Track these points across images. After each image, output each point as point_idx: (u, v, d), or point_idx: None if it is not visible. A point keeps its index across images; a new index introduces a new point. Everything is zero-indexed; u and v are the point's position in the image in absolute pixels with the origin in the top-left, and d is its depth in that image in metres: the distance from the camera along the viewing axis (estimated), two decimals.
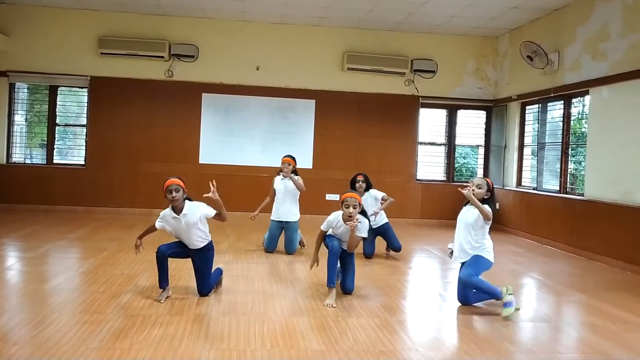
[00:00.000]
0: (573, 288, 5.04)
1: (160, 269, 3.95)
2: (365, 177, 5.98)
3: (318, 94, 8.94)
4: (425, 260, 6.19)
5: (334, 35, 8.92)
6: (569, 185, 7.27)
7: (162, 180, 4.04)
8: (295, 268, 5.30)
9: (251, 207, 8.43)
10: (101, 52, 8.41)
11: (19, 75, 8.49)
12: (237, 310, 3.81)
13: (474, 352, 3.24)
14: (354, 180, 5.96)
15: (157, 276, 3.97)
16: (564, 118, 7.35)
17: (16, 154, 8.71)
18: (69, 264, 5.11)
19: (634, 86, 5.96)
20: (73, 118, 8.90)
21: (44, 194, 8.50)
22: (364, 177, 5.96)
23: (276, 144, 8.88)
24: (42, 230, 6.70)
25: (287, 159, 5.97)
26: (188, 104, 8.74)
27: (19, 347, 2.95)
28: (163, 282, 3.97)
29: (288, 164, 5.92)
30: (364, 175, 5.99)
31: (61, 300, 3.86)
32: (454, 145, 9.36)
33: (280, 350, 3.10)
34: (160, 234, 4.18)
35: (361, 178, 5.95)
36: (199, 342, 3.16)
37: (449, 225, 8.73)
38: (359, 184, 5.91)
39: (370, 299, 4.27)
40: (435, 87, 9.09)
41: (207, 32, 8.73)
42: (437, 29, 8.78)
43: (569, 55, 7.15)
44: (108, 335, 3.17)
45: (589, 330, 3.78)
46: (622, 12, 6.20)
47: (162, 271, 3.96)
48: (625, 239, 5.91)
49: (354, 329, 3.51)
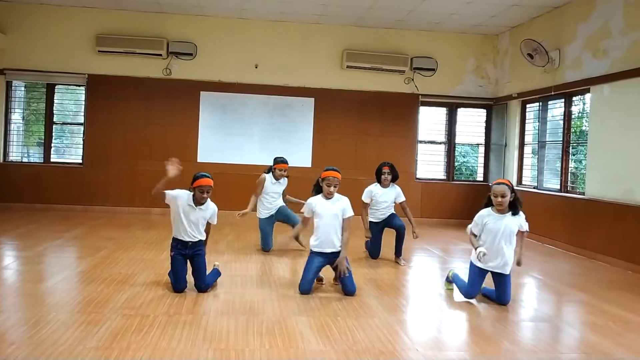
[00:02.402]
0: (574, 287, 5.01)
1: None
2: (392, 167, 5.68)
3: (317, 92, 8.90)
4: (425, 259, 6.16)
5: (333, 33, 8.88)
6: (569, 184, 7.24)
7: (161, 178, 4.02)
8: (295, 268, 5.26)
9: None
10: (99, 50, 8.37)
11: (16, 73, 8.44)
12: (235, 310, 3.78)
13: (474, 352, 3.21)
14: (379, 171, 5.68)
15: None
16: (565, 116, 7.32)
17: (13, 153, 8.66)
18: (66, 263, 5.08)
19: (635, 84, 5.93)
20: (70, 116, 8.85)
21: (41, 192, 8.46)
22: (389, 169, 5.65)
23: (275, 142, 8.84)
24: (39, 229, 6.67)
25: (285, 165, 5.96)
26: (186, 102, 8.69)
27: (16, 347, 2.92)
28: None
29: (285, 170, 5.97)
30: (389, 166, 5.65)
31: (58, 300, 3.83)
32: (454, 144, 9.33)
33: (279, 350, 3.07)
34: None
35: (387, 170, 5.64)
36: (197, 341, 3.13)
37: (448, 224, 8.75)
38: (385, 176, 5.64)
39: (370, 298, 4.24)
40: (435, 85, 9.06)
41: (206, 29, 8.68)
42: (437, 27, 8.74)
43: (569, 53, 7.12)
44: (106, 335, 3.14)
45: (590, 330, 3.76)
46: (623, 10, 6.17)
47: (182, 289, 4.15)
48: (626, 238, 5.88)
49: (353, 329, 3.48)
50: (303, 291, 4.23)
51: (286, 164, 6.01)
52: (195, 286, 4.15)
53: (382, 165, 5.72)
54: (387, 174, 5.66)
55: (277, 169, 5.98)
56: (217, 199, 8.52)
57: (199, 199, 4.10)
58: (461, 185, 9.31)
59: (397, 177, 5.77)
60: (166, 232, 6.74)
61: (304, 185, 8.87)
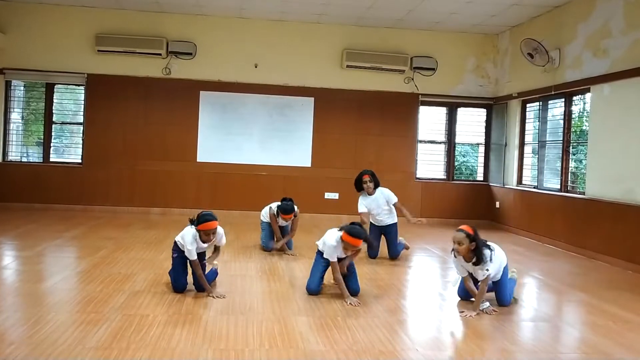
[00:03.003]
0: (574, 287, 5.00)
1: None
2: (372, 174, 5.61)
3: (317, 92, 8.89)
4: (425, 259, 6.15)
5: (333, 33, 8.87)
6: (569, 184, 7.23)
7: (160, 178, 4.02)
8: (294, 267, 5.26)
9: (249, 206, 8.47)
10: (98, 49, 8.35)
11: (15, 73, 8.42)
12: (235, 309, 3.77)
13: (474, 352, 3.20)
14: (359, 180, 5.61)
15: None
16: (565, 116, 7.31)
17: (12, 152, 8.65)
18: (66, 263, 5.07)
19: (635, 84, 5.92)
20: (70, 116, 8.84)
21: (40, 192, 8.45)
22: (370, 176, 5.59)
23: (274, 142, 8.84)
24: (39, 229, 6.65)
25: (290, 215, 5.63)
26: (186, 101, 8.68)
27: (15, 347, 2.91)
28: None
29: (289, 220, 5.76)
30: (369, 174, 5.60)
31: (58, 300, 3.82)
32: (454, 144, 9.32)
33: (278, 350, 3.06)
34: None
35: (367, 178, 5.57)
36: (197, 342, 3.12)
37: (448, 224, 8.72)
38: (367, 184, 5.59)
39: (370, 298, 4.23)
40: (435, 85, 9.05)
41: (205, 29, 8.67)
42: (437, 26, 8.73)
43: (570, 53, 7.11)
44: (105, 335, 3.13)
45: (590, 330, 3.75)
46: (624, 9, 6.16)
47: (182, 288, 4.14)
48: (626, 237, 5.87)
49: (353, 329, 3.47)
50: (310, 291, 4.21)
51: (291, 214, 5.63)
52: (194, 286, 4.14)
53: (362, 174, 5.63)
54: (368, 182, 5.59)
55: (282, 218, 5.73)
56: (217, 198, 8.58)
57: (205, 240, 4.08)
58: (461, 185, 9.31)
59: (379, 183, 5.67)
60: (166, 232, 6.74)
61: (303, 184, 8.94)
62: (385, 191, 5.74)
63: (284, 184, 8.63)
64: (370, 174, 5.65)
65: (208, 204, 8.59)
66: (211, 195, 8.62)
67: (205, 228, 4.02)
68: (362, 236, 4.07)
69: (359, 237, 4.04)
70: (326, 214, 8.71)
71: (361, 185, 5.65)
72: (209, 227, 4.02)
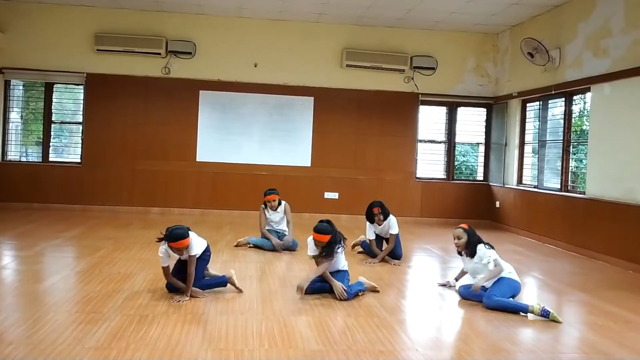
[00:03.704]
0: (574, 287, 5.00)
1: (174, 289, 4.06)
2: (381, 206, 5.61)
3: (316, 91, 8.88)
4: (425, 259, 6.14)
5: (332, 32, 8.86)
6: (570, 184, 7.22)
7: (159, 178, 4.00)
8: (294, 267, 5.25)
9: (249, 206, 8.46)
10: (97, 48, 8.34)
11: (14, 72, 8.41)
12: (234, 309, 3.76)
13: (474, 352, 3.20)
14: (370, 213, 5.63)
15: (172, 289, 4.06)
16: (565, 115, 7.30)
17: (11, 152, 8.64)
18: (65, 262, 5.06)
19: (636, 83, 5.91)
20: (69, 115, 8.82)
21: (39, 192, 8.43)
22: (380, 208, 5.58)
23: (274, 141, 8.83)
24: (38, 229, 6.64)
25: (274, 196, 6.06)
26: (185, 101, 8.67)
27: (14, 347, 2.90)
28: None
29: (275, 200, 6.05)
30: (379, 207, 5.59)
31: (57, 300, 3.82)
32: (454, 143, 9.32)
33: (278, 350, 3.05)
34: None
35: (377, 210, 5.57)
36: (196, 341, 3.11)
37: (448, 223, 8.71)
38: (378, 217, 5.60)
39: (370, 298, 4.22)
40: (435, 84, 9.04)
41: (205, 28, 8.66)
42: (437, 26, 8.72)
43: (570, 52, 7.10)
44: (104, 335, 3.12)
45: (590, 330, 3.75)
46: (624, 8, 6.15)
47: (176, 288, 4.05)
48: (626, 237, 5.87)
49: (352, 329, 3.46)
50: (307, 291, 4.20)
51: (273, 195, 6.07)
52: (169, 288, 4.08)
53: (372, 207, 5.64)
54: (379, 214, 5.61)
55: (266, 201, 6.08)
56: (217, 198, 8.58)
57: (178, 254, 3.98)
58: (461, 185, 9.30)
59: (388, 214, 5.67)
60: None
61: (303, 184, 8.93)
62: (392, 220, 5.66)
63: (283, 183, 8.60)
64: (379, 205, 5.64)
65: (207, 204, 8.61)
66: (211, 195, 8.61)
67: (177, 246, 3.89)
68: (327, 232, 4.20)
69: (323, 233, 4.19)
70: (326, 213, 8.66)
71: (372, 218, 5.66)
72: (180, 245, 3.89)
